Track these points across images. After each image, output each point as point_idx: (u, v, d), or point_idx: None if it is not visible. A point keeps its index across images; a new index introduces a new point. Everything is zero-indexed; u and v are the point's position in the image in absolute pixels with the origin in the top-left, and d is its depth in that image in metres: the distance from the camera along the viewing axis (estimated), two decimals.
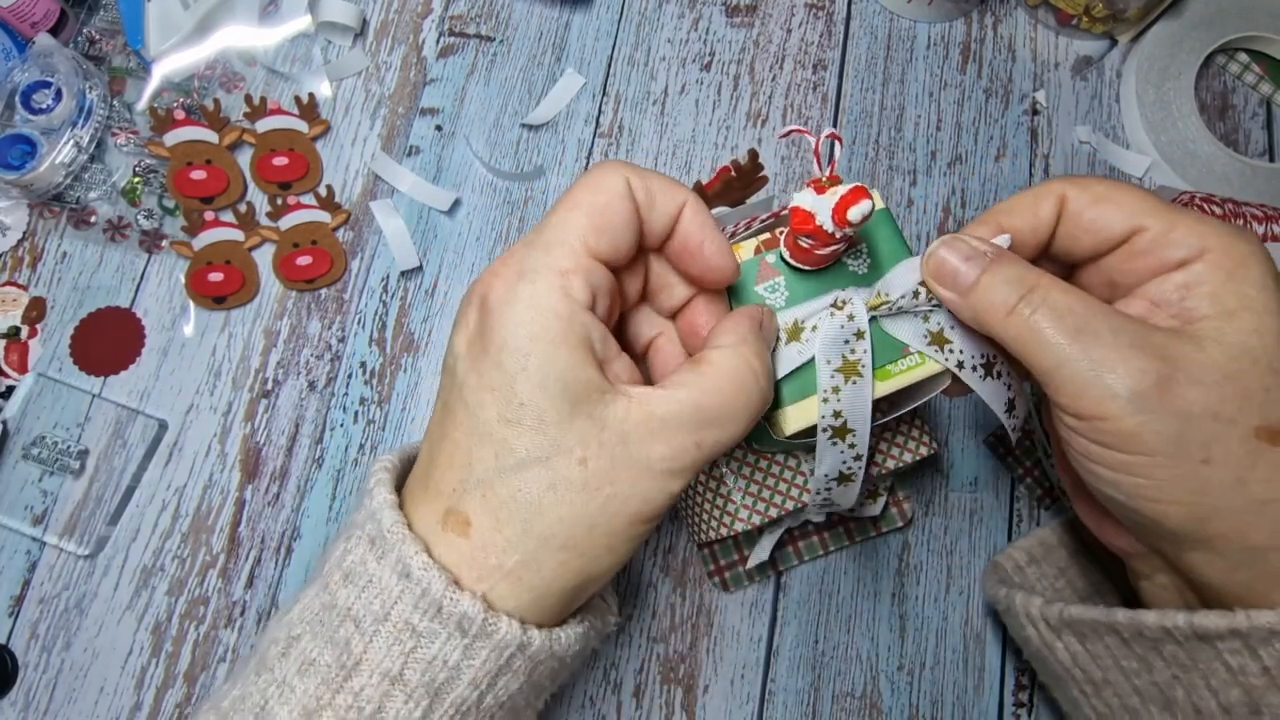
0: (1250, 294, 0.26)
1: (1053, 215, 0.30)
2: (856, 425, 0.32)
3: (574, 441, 0.24)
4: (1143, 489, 0.27)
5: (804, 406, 0.32)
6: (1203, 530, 0.27)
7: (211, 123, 0.53)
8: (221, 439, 0.50)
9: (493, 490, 0.25)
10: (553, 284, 0.25)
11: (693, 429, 0.25)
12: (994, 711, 0.47)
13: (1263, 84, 0.59)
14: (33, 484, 0.49)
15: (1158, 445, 0.26)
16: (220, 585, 0.48)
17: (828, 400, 0.31)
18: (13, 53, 0.53)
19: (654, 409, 0.25)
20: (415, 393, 0.51)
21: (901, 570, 0.49)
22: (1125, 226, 0.28)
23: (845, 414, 0.31)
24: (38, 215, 0.53)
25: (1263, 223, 0.51)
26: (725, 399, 0.26)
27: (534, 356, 0.24)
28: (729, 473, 0.40)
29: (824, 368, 0.31)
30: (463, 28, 0.58)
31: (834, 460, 0.33)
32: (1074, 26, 0.58)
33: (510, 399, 0.24)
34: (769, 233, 0.34)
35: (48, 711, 0.46)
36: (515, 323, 0.25)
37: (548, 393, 0.24)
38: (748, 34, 0.58)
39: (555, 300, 0.25)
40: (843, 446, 0.32)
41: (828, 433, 0.32)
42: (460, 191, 0.54)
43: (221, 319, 0.52)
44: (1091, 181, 0.29)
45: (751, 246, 0.34)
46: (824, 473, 0.34)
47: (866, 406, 0.32)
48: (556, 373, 0.24)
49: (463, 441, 0.25)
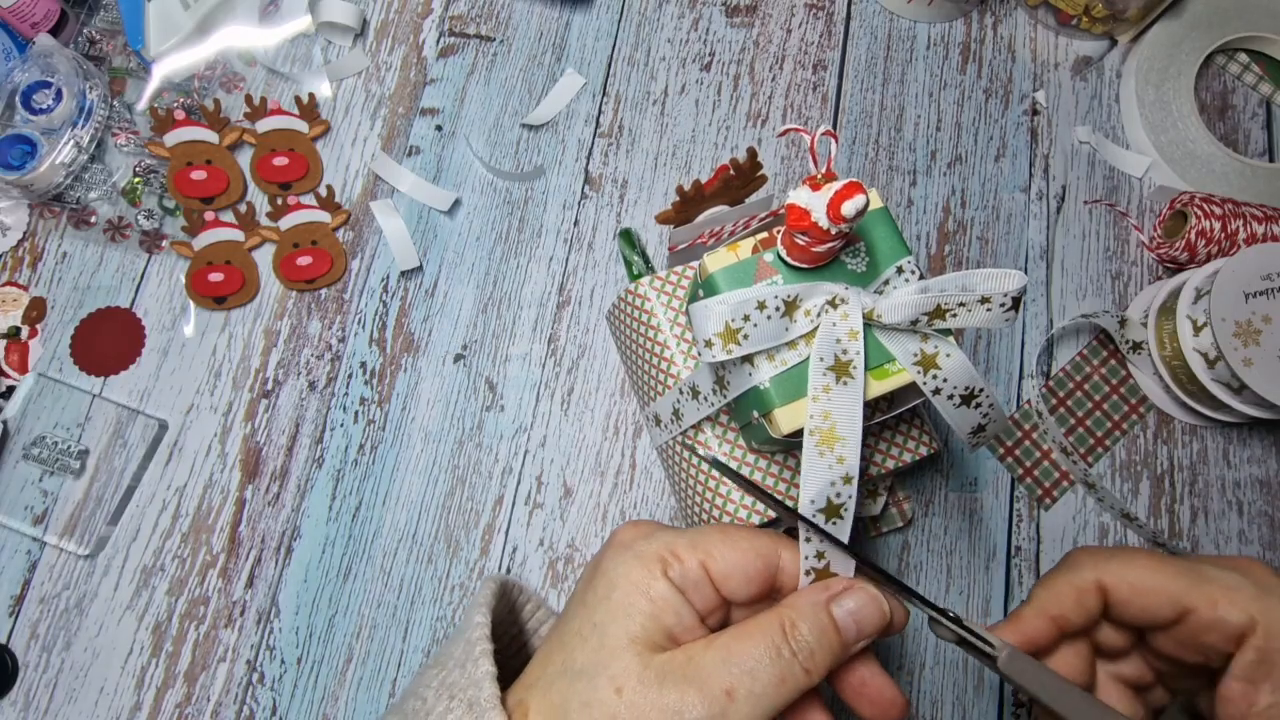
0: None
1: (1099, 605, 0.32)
2: (846, 433, 0.31)
3: (621, 672, 0.27)
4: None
5: (797, 407, 0.32)
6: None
7: (212, 123, 0.53)
8: (222, 439, 0.50)
9: (550, 691, 0.28)
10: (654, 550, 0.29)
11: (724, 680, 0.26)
12: (994, 711, 0.47)
13: (1263, 84, 0.59)
14: (33, 484, 0.49)
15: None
16: (220, 585, 0.48)
17: (817, 399, 0.31)
18: (13, 53, 0.53)
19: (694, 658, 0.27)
20: (415, 392, 0.51)
21: (901, 570, 0.49)
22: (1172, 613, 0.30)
23: (834, 416, 0.31)
24: (38, 215, 0.53)
25: (1263, 223, 0.51)
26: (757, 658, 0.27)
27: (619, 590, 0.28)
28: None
29: (816, 365, 0.31)
30: (463, 28, 0.58)
31: (821, 479, 0.30)
32: (1074, 26, 0.58)
33: (590, 616, 0.28)
34: (766, 231, 0.34)
35: (48, 711, 0.46)
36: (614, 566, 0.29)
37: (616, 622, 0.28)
38: (748, 34, 0.58)
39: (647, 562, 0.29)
40: (831, 460, 0.30)
41: (815, 436, 0.31)
42: (460, 191, 0.54)
43: (222, 319, 0.52)
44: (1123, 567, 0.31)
45: (749, 245, 0.34)
46: (809, 498, 0.30)
47: (857, 412, 0.31)
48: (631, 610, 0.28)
49: (553, 643, 0.29)
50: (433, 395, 0.51)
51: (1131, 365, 0.52)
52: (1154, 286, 0.53)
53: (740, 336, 0.31)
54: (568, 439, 0.50)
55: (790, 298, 0.31)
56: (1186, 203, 0.52)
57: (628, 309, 0.44)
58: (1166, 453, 0.51)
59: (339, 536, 0.49)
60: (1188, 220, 0.52)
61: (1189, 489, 0.51)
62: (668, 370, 0.41)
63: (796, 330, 0.32)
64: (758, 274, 0.33)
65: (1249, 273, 0.46)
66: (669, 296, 0.42)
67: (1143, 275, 0.54)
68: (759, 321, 0.31)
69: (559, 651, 0.29)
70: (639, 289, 0.42)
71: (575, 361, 0.52)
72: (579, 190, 0.55)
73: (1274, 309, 0.46)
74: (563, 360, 0.52)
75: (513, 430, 0.50)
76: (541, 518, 0.49)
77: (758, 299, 0.31)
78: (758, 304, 0.31)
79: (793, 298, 0.31)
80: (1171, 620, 0.31)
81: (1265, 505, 0.51)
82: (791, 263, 0.33)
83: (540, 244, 0.54)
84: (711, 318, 0.31)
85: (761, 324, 0.31)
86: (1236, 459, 0.51)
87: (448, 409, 0.51)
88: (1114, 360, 0.53)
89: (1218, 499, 0.51)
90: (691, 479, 0.42)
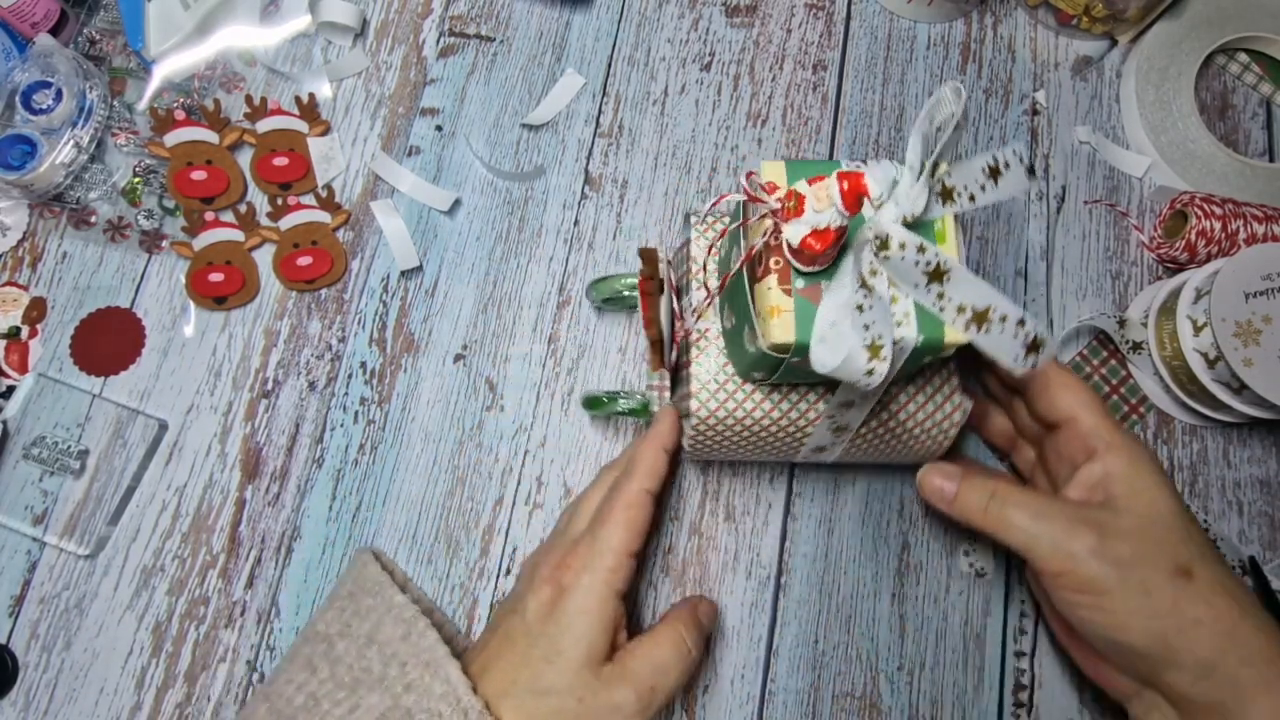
0: (1147, 478, 0.38)
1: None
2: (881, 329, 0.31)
3: (580, 685, 0.36)
4: (1112, 619, 0.36)
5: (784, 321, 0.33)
6: (1163, 649, 0.35)
7: (212, 123, 0.53)
8: (222, 439, 0.50)
9: (522, 703, 0.36)
10: (602, 579, 0.38)
11: (649, 679, 0.37)
12: (994, 711, 0.47)
13: (1263, 84, 0.59)
14: (33, 484, 0.49)
15: (1109, 585, 0.35)
16: (220, 585, 0.48)
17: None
18: (13, 53, 0.53)
19: (628, 665, 0.37)
20: (415, 393, 0.51)
21: (901, 570, 0.49)
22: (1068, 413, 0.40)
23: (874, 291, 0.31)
24: (38, 215, 0.53)
25: (1263, 223, 0.51)
26: (668, 658, 0.38)
27: (578, 623, 0.37)
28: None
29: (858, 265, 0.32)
30: (463, 28, 0.58)
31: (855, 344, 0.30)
32: (1074, 26, 0.58)
33: (556, 647, 0.37)
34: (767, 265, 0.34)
35: (48, 711, 0.46)
36: (575, 603, 0.37)
37: (578, 649, 0.37)
38: (748, 34, 0.58)
39: (604, 590, 0.38)
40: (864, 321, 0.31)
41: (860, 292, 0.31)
42: (460, 191, 0.54)
43: (222, 319, 0.52)
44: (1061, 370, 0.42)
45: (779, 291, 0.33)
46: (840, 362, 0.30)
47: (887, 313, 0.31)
48: (588, 639, 0.37)
49: (514, 663, 0.37)
50: (433, 395, 0.51)
51: (1131, 365, 0.52)
52: (1154, 286, 0.53)
53: (880, 350, 0.31)
54: (568, 439, 0.50)
55: (869, 272, 0.31)
56: (1186, 203, 0.52)
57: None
58: (1166, 453, 0.51)
59: (339, 537, 0.49)
60: (1188, 220, 0.52)
61: (1189, 489, 0.51)
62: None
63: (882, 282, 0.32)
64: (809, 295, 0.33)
65: (1249, 273, 0.46)
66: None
67: (1143, 275, 0.54)
68: (872, 304, 0.31)
69: (524, 670, 0.37)
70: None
71: (575, 361, 0.52)
72: (579, 190, 0.55)
73: (1274, 309, 0.46)
74: (563, 360, 0.52)
75: (513, 430, 0.50)
76: (541, 518, 0.49)
77: (849, 303, 0.31)
78: (855, 306, 0.31)
79: (870, 270, 0.32)
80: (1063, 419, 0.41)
81: (1265, 505, 0.51)
82: (807, 269, 0.33)
83: (540, 244, 0.54)
84: (846, 344, 0.31)
85: (875, 305, 0.31)
86: (1236, 459, 0.51)
87: (448, 409, 0.51)
88: (1114, 360, 0.53)
89: (1218, 499, 0.51)
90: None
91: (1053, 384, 0.41)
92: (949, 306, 0.31)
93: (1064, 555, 0.36)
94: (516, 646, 0.38)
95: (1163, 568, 0.36)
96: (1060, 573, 0.36)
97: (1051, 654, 0.48)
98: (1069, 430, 0.40)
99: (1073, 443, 0.40)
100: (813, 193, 0.31)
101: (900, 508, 0.50)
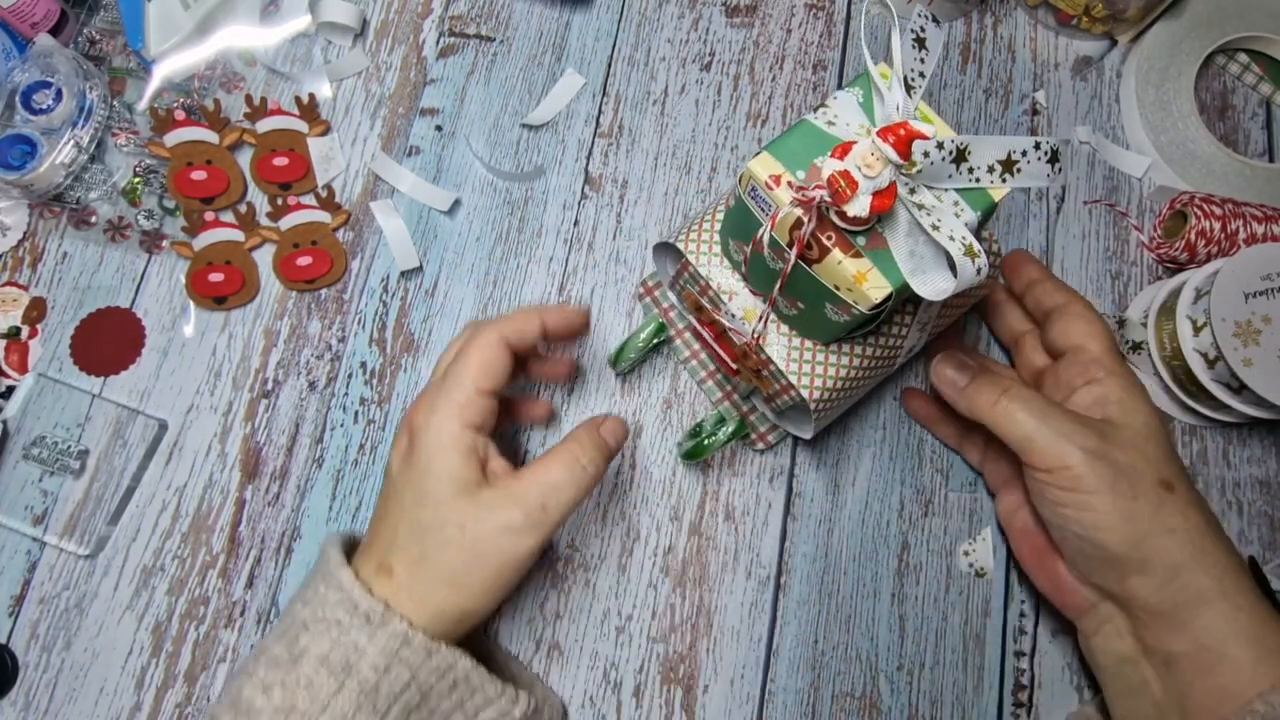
0: (1141, 403, 0.41)
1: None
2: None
3: (458, 516, 0.36)
4: (1095, 518, 0.38)
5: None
6: (1137, 552, 0.38)
7: (212, 123, 0.53)
8: (221, 439, 0.50)
9: (406, 549, 0.37)
10: (452, 414, 0.37)
11: (538, 497, 0.37)
12: (993, 711, 0.47)
13: (1263, 84, 0.59)
14: (33, 484, 0.49)
15: (1101, 485, 0.38)
16: (220, 585, 0.48)
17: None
18: (13, 53, 0.53)
19: (512, 488, 0.37)
20: (415, 393, 0.51)
21: (901, 570, 0.49)
22: (1079, 341, 0.44)
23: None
24: (38, 215, 0.53)
25: (1263, 223, 0.51)
26: (559, 476, 0.38)
27: (436, 461, 0.37)
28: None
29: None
30: (463, 28, 0.58)
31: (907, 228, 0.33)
32: (1074, 26, 0.58)
33: (421, 489, 0.37)
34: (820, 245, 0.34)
35: (48, 711, 0.46)
36: (427, 440, 0.37)
37: (442, 484, 0.36)
38: (748, 34, 0.58)
39: (453, 424, 0.37)
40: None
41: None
42: (460, 191, 0.54)
43: (222, 319, 0.52)
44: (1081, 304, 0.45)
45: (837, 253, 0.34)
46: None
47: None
48: (449, 472, 0.37)
49: (391, 519, 0.38)
50: None
51: (1131, 365, 0.52)
52: (1154, 286, 0.53)
53: (973, 248, 0.32)
54: None
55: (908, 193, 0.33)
56: (1186, 203, 0.52)
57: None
58: None
59: None
60: (1188, 220, 0.52)
61: None
62: None
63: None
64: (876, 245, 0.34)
65: (1249, 273, 0.46)
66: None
67: (1143, 275, 0.54)
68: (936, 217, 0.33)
69: (401, 520, 0.37)
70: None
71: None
72: (579, 190, 0.55)
73: (1274, 309, 0.46)
74: None
75: (512, 430, 0.50)
76: None
77: (911, 229, 0.33)
78: (919, 226, 0.33)
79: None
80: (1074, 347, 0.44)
81: (1265, 505, 0.51)
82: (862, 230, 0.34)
83: (540, 244, 0.54)
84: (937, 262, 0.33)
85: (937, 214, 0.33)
86: (1236, 459, 0.51)
87: None
88: None
89: (1218, 499, 0.51)
90: None
91: (1070, 312, 0.44)
92: (981, 174, 0.34)
93: (1062, 452, 0.38)
94: (390, 503, 0.38)
95: (1149, 478, 0.39)
96: (1055, 469, 0.39)
97: (1051, 654, 0.48)
98: (1074, 357, 0.43)
99: (1074, 369, 0.43)
100: (860, 161, 0.31)
101: (900, 508, 0.50)
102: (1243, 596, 0.38)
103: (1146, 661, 0.39)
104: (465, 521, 0.36)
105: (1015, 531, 0.46)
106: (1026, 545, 0.46)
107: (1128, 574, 0.39)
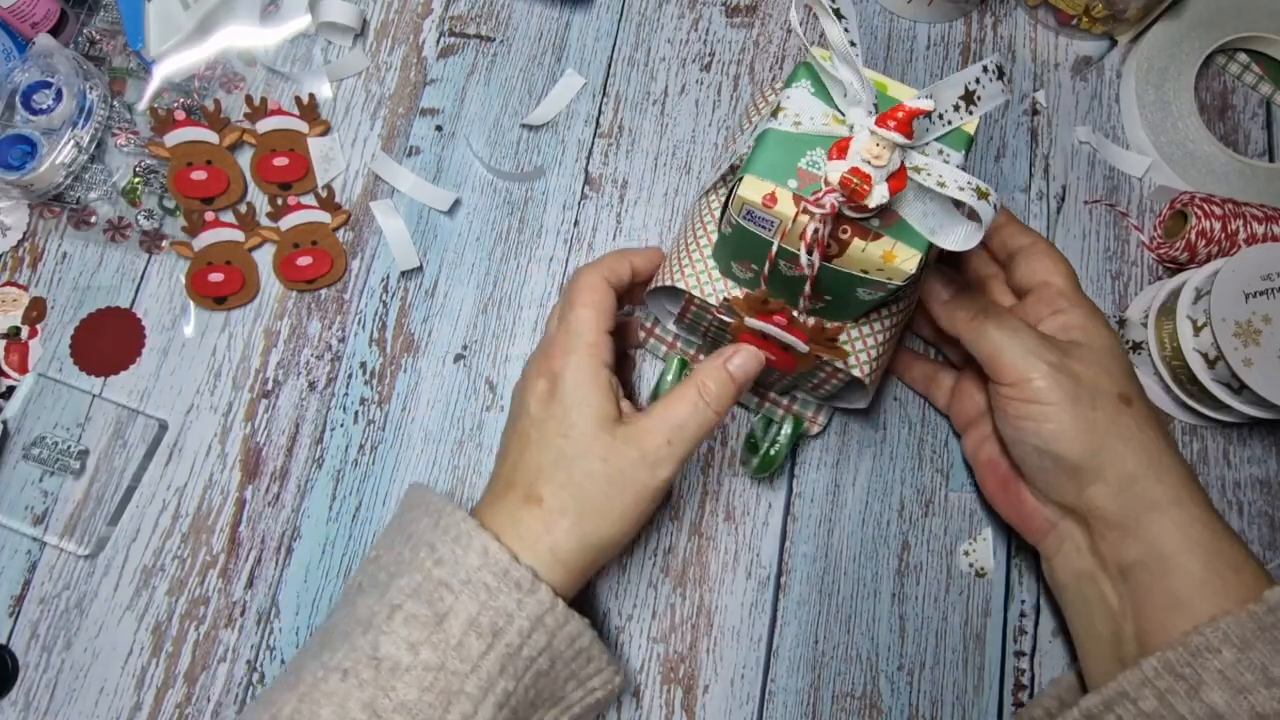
0: (1103, 329, 0.43)
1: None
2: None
3: (600, 448, 0.39)
4: (1054, 429, 0.40)
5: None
6: (1094, 462, 0.40)
7: (212, 123, 0.53)
8: (221, 439, 0.50)
9: (553, 477, 0.39)
10: (587, 354, 0.40)
11: (663, 434, 0.39)
12: (994, 711, 0.47)
13: (1263, 84, 0.59)
14: (33, 484, 0.49)
15: (1062, 397, 0.40)
16: (220, 585, 0.48)
17: None
18: (13, 53, 0.53)
19: (641, 424, 0.39)
20: (415, 393, 0.51)
21: (901, 570, 0.49)
22: (1044, 278, 0.45)
23: None
24: (38, 215, 0.53)
25: (1263, 223, 0.51)
26: (684, 414, 0.40)
27: (579, 398, 0.40)
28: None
29: None
30: (463, 28, 0.58)
31: None
32: (1074, 26, 0.58)
33: (565, 424, 0.39)
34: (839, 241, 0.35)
35: (48, 711, 0.46)
36: (568, 379, 0.40)
37: (586, 419, 0.39)
38: (748, 34, 0.58)
39: (592, 362, 0.40)
40: None
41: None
42: (460, 192, 0.54)
43: (222, 319, 0.52)
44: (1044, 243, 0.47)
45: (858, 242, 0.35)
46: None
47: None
48: (593, 408, 0.39)
49: (531, 455, 0.40)
50: (433, 396, 0.51)
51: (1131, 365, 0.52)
52: (1154, 286, 0.53)
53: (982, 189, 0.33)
54: None
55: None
56: (1186, 203, 0.52)
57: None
58: None
59: (339, 537, 0.49)
60: (1188, 220, 0.52)
61: None
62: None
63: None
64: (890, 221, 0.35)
65: (1249, 273, 0.46)
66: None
67: (1143, 275, 0.54)
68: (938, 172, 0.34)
69: (544, 454, 0.40)
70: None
71: None
72: (579, 190, 0.55)
73: (1274, 309, 0.46)
74: None
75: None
76: None
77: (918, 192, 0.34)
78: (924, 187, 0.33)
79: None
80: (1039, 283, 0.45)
81: (1265, 505, 0.51)
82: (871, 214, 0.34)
83: (540, 244, 0.54)
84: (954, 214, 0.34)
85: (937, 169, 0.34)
86: (1236, 459, 0.51)
87: (448, 409, 0.51)
88: None
89: (1218, 499, 0.51)
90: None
91: (1035, 251, 0.46)
92: (951, 115, 0.35)
93: (1027, 366, 0.40)
94: (532, 439, 0.40)
95: (1108, 391, 0.40)
96: (1018, 382, 0.40)
97: (1051, 654, 0.48)
98: (1040, 293, 0.45)
99: (1041, 303, 0.44)
100: (866, 154, 0.32)
101: (900, 508, 0.50)
102: (1196, 506, 0.39)
103: (1104, 574, 0.41)
104: (607, 454, 0.39)
105: (981, 463, 0.48)
106: (992, 476, 0.47)
107: (1085, 483, 0.40)
